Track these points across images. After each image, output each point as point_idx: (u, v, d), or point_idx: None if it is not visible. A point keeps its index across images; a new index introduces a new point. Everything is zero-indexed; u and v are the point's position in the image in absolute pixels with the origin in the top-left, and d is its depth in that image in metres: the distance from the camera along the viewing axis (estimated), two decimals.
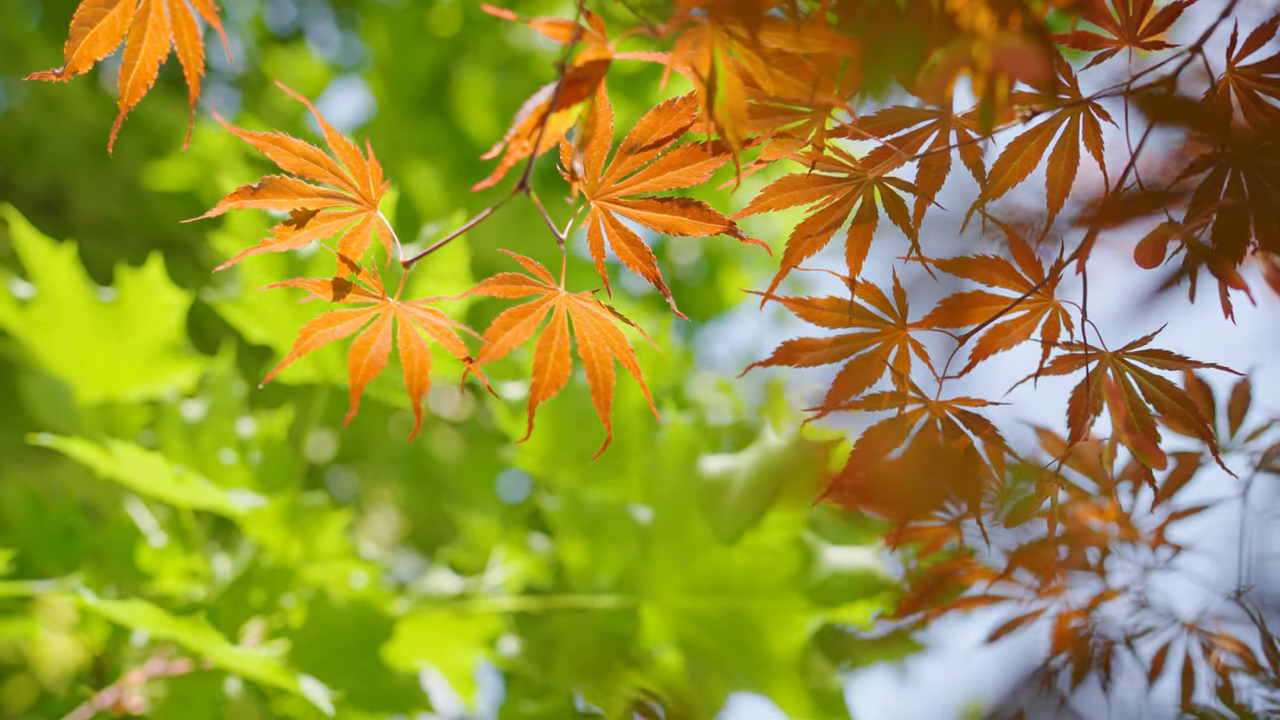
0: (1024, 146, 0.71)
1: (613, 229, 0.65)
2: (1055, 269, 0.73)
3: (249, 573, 1.29)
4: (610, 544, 1.35)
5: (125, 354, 1.39)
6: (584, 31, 0.60)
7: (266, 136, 0.60)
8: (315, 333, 0.62)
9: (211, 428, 1.38)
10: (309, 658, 1.24)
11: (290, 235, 0.60)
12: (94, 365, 1.40)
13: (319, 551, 1.33)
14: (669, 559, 1.28)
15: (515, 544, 1.53)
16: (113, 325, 1.38)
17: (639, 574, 1.30)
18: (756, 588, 1.24)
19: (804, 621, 1.22)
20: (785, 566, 1.22)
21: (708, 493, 1.26)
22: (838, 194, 0.72)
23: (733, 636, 1.25)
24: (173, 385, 1.42)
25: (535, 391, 0.64)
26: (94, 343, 1.38)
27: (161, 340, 1.40)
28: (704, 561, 1.26)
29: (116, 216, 2.97)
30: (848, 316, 0.74)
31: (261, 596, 1.29)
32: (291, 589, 1.30)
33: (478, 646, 1.41)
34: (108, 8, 0.60)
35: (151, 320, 1.38)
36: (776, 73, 0.61)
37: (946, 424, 0.75)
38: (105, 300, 1.38)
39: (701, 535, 1.26)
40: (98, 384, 1.41)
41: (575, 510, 1.38)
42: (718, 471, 1.27)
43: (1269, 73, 0.67)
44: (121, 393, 1.42)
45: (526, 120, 0.60)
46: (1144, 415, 0.75)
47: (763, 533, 1.23)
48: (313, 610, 1.26)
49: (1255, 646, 0.96)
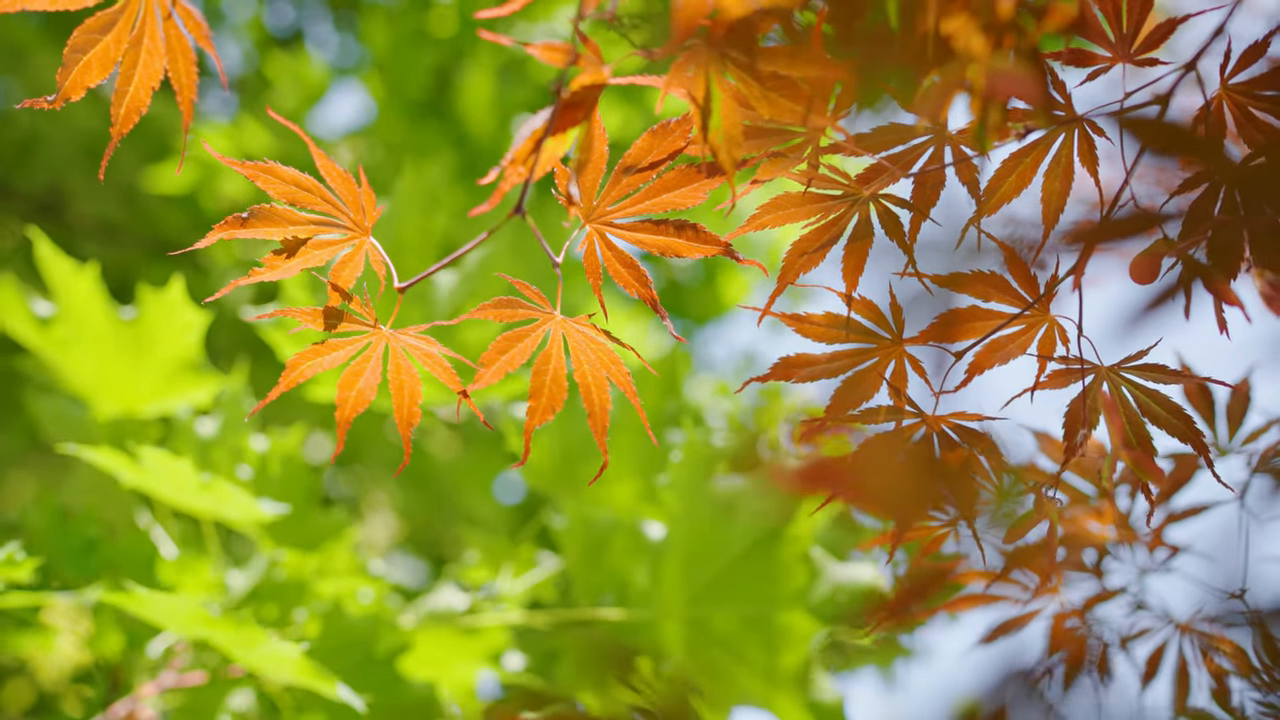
0: (1019, 162, 0.71)
1: (608, 251, 0.66)
2: (1051, 285, 0.74)
3: (263, 586, 1.30)
4: (618, 559, 1.36)
5: (144, 371, 1.40)
6: (579, 56, 0.60)
7: (257, 166, 0.59)
8: (303, 364, 0.61)
9: (225, 444, 1.38)
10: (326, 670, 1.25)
11: (281, 264, 0.60)
12: (112, 382, 1.41)
13: (331, 567, 1.34)
14: (680, 573, 1.28)
15: (523, 561, 1.54)
16: (132, 343, 1.39)
17: (649, 588, 1.30)
18: (765, 602, 1.25)
19: (808, 635, 1.23)
20: (793, 581, 1.23)
21: (720, 509, 1.26)
22: (833, 211, 0.72)
23: (740, 650, 1.26)
24: (189, 402, 1.43)
25: (532, 416, 0.64)
26: (114, 360, 1.39)
27: (180, 358, 1.41)
28: (715, 576, 1.27)
29: (115, 219, 2.97)
30: (844, 332, 0.74)
31: (275, 610, 1.30)
32: (305, 603, 1.30)
33: (483, 661, 1.42)
34: (102, 34, 0.60)
35: (171, 338, 1.39)
36: (771, 96, 0.61)
37: (943, 438, 0.75)
38: (126, 319, 1.39)
39: (713, 550, 1.26)
40: (115, 400, 1.42)
41: (583, 529, 1.38)
42: (729, 491, 1.28)
43: (1262, 89, 0.68)
44: (138, 409, 1.42)
45: (522, 145, 0.60)
46: (1140, 429, 0.75)
47: (773, 548, 1.24)
48: (328, 623, 1.26)
49: (1249, 649, 0.96)
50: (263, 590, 1.30)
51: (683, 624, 1.28)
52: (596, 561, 1.37)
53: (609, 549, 1.36)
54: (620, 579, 1.35)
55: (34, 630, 1.43)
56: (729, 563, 1.26)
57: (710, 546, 1.27)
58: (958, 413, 0.74)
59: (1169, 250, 0.69)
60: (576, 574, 1.38)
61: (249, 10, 3.16)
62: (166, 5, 0.60)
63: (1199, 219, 0.67)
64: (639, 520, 1.37)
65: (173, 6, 0.60)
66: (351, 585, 1.35)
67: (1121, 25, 0.68)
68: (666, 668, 1.30)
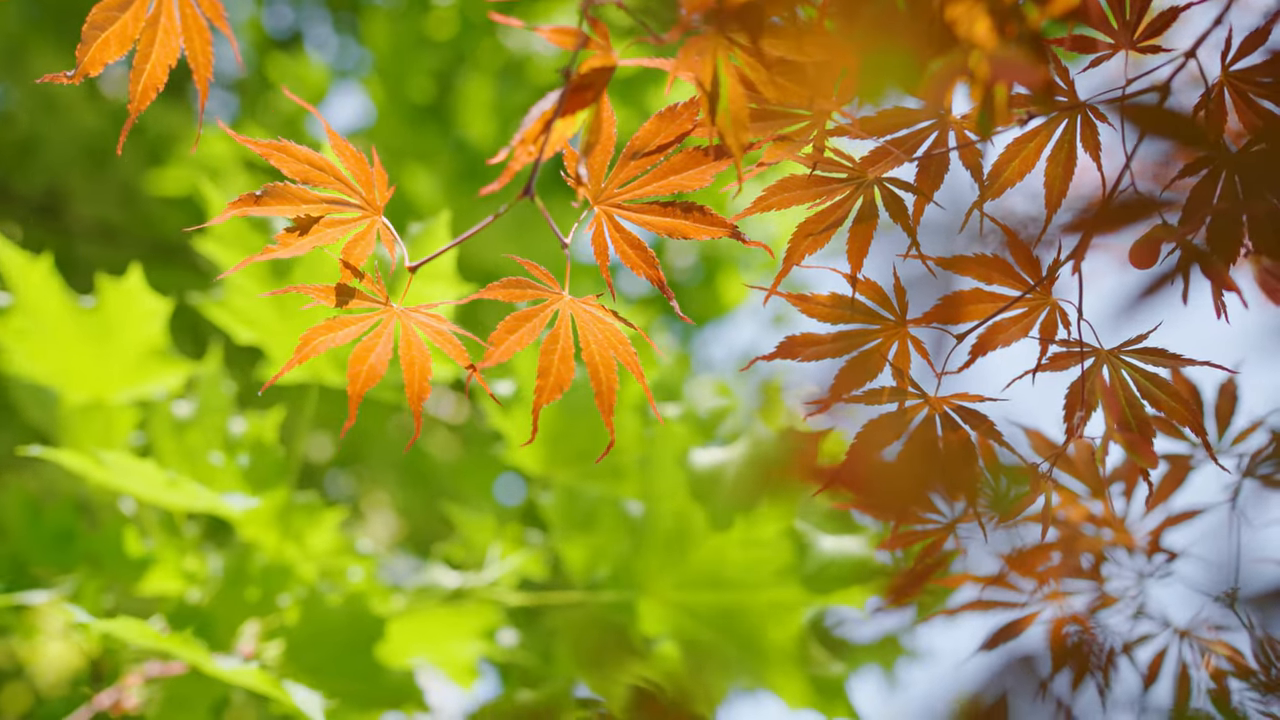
0: (1023, 147, 0.72)
1: (616, 233, 0.66)
2: (1053, 268, 0.74)
3: (243, 571, 1.30)
4: (606, 537, 1.36)
5: (110, 359, 1.40)
6: (589, 39, 0.61)
7: (271, 144, 0.60)
8: (316, 339, 0.62)
9: (201, 426, 1.38)
10: (304, 658, 1.25)
11: (294, 242, 0.61)
12: (79, 370, 1.40)
13: (315, 548, 1.34)
14: (663, 552, 1.28)
15: (511, 539, 1.54)
16: (96, 331, 1.39)
17: (634, 568, 1.30)
18: (751, 579, 1.25)
19: (800, 610, 1.23)
20: (779, 557, 1.23)
21: (700, 485, 1.26)
22: (838, 194, 0.73)
23: (729, 628, 1.25)
24: (161, 387, 1.43)
25: (539, 395, 0.65)
26: (77, 348, 1.39)
27: (146, 345, 1.41)
28: (698, 554, 1.27)
29: (114, 220, 2.97)
30: (849, 312, 0.75)
31: (257, 594, 1.30)
32: (288, 587, 1.31)
33: (476, 639, 1.42)
34: (120, 11, 0.61)
35: (135, 326, 1.39)
36: (778, 80, 0.62)
37: (945, 419, 0.76)
38: (86, 307, 1.39)
39: (695, 528, 1.26)
40: (84, 388, 1.42)
41: (570, 504, 1.38)
42: (709, 464, 1.27)
43: (1263, 76, 0.68)
44: (108, 396, 1.42)
45: (532, 126, 0.61)
46: (1139, 411, 0.76)
47: (756, 524, 1.24)
48: (306, 610, 1.27)
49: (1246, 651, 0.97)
50: (243, 575, 1.30)
51: (669, 603, 1.28)
52: (585, 538, 1.37)
53: (597, 526, 1.36)
54: (609, 556, 1.35)
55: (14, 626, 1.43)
56: (713, 539, 1.26)
57: (693, 523, 1.27)
58: (960, 394, 0.75)
59: (1168, 236, 0.70)
60: (566, 551, 1.38)
61: (247, 11, 3.17)
62: None
63: (1199, 204, 0.68)
64: (623, 498, 1.37)
65: None
66: (340, 565, 1.35)
67: (1125, 12, 0.69)
68: (660, 646, 1.30)
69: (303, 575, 1.34)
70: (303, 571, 1.33)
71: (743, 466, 1.23)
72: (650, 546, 1.29)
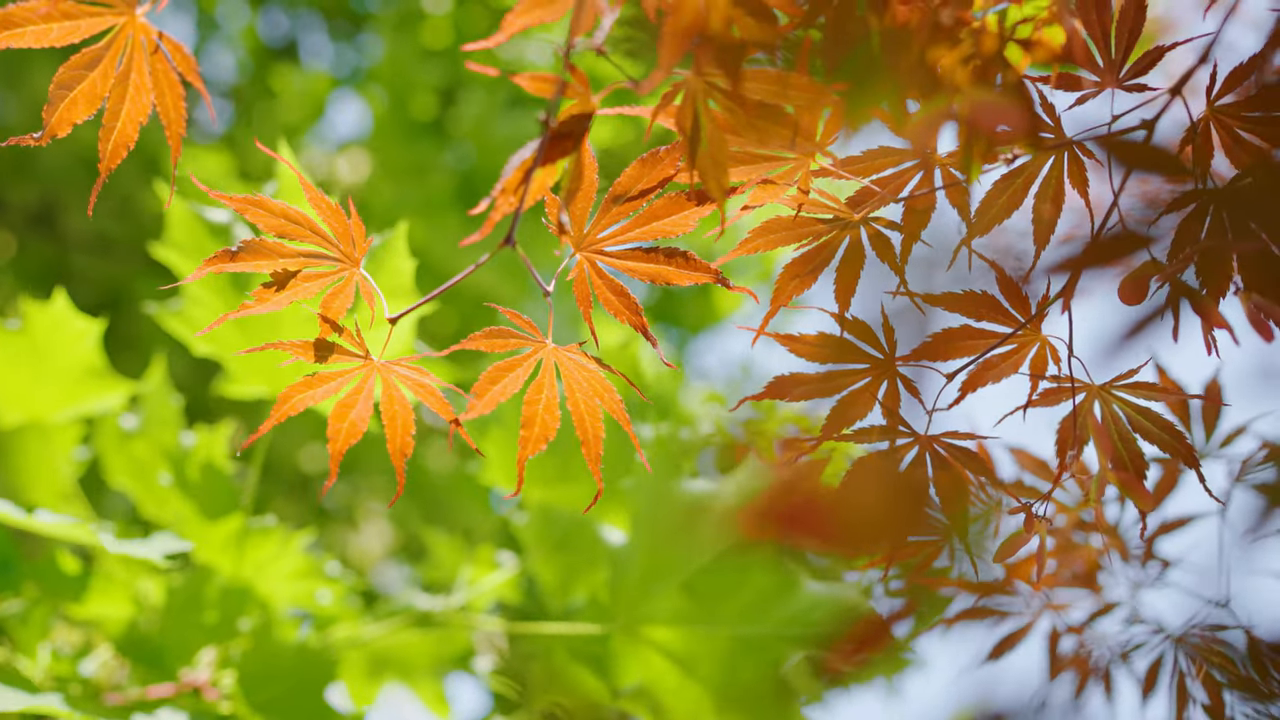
0: (1010, 184, 0.72)
1: (598, 280, 0.66)
2: (1042, 305, 0.74)
3: (198, 596, 1.27)
4: (582, 562, 1.34)
5: (44, 380, 1.38)
6: (567, 86, 0.60)
7: (246, 199, 0.59)
8: (294, 398, 0.61)
9: (148, 438, 1.36)
10: (256, 693, 1.22)
11: (270, 298, 0.60)
12: (10, 392, 1.38)
13: (276, 571, 1.31)
14: (642, 585, 1.24)
15: (483, 561, 1.52)
16: (25, 353, 1.36)
17: (610, 600, 1.26)
18: (733, 617, 1.20)
19: (781, 654, 1.17)
20: (763, 596, 1.18)
21: (686, 517, 1.23)
22: (824, 234, 0.72)
23: (705, 669, 1.20)
24: (103, 405, 1.41)
25: (524, 446, 0.64)
26: (6, 371, 1.37)
27: (82, 365, 1.38)
28: (679, 588, 1.22)
29: (109, 232, 2.96)
30: (837, 353, 0.74)
31: (214, 617, 1.27)
32: (247, 611, 1.28)
33: (450, 665, 1.40)
34: (88, 70, 0.60)
35: (66, 347, 1.37)
36: (759, 123, 0.61)
37: (935, 458, 0.75)
38: (11, 329, 1.37)
39: (678, 561, 1.22)
40: (19, 410, 1.40)
41: (544, 526, 1.36)
42: (698, 494, 1.23)
43: (1248, 111, 0.68)
44: (45, 417, 1.40)
45: (512, 175, 0.60)
46: (1131, 446, 0.75)
47: (742, 560, 1.19)
48: (257, 643, 1.24)
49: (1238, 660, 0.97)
50: (197, 599, 1.27)
51: (644, 639, 1.24)
52: (559, 561, 1.34)
53: (571, 549, 1.33)
54: (585, 582, 1.33)
55: None
56: (696, 574, 1.22)
57: (675, 556, 1.22)
58: (950, 432, 0.75)
59: (1156, 272, 0.69)
60: (540, 574, 1.35)
61: (243, 19, 3.16)
62: (153, 39, 0.60)
63: (1186, 240, 0.68)
64: (600, 524, 1.34)
65: (159, 40, 0.60)
66: (307, 588, 1.33)
67: (1110, 51, 0.68)
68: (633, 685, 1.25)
69: (266, 597, 1.31)
70: (265, 593, 1.31)
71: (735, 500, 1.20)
72: (628, 578, 1.25)
